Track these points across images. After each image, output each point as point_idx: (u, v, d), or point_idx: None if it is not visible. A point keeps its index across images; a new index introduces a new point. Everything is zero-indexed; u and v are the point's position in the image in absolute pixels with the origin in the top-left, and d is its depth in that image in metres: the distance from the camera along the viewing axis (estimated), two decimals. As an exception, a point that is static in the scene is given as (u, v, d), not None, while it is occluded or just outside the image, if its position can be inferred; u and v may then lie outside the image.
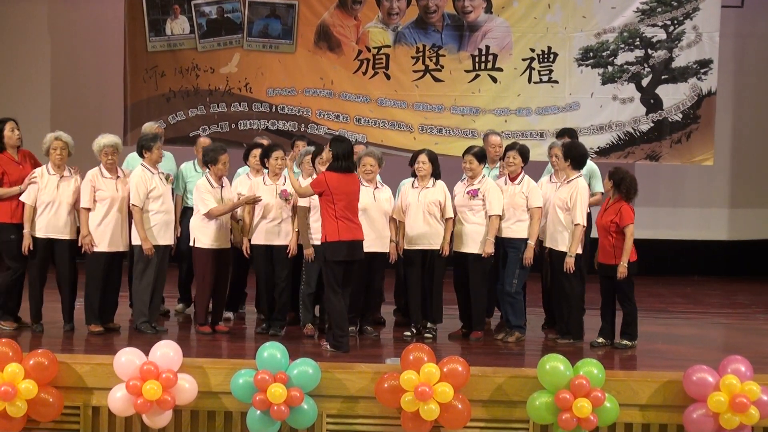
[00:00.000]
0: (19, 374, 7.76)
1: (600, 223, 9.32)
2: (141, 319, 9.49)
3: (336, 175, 8.90)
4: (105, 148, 9.44)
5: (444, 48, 13.98)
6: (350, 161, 8.98)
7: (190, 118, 14.19)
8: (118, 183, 9.48)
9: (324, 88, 14.12)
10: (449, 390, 7.72)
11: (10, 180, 9.44)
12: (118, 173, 9.54)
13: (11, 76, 15.08)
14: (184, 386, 7.90)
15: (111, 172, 9.48)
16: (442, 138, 13.97)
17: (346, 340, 8.89)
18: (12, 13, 15.12)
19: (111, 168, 9.47)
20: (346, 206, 8.86)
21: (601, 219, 9.30)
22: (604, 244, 9.30)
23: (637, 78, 13.88)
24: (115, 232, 9.43)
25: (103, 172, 9.46)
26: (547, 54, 13.91)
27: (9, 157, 9.56)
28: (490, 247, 9.45)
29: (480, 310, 9.67)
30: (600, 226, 9.33)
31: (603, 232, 9.30)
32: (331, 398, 8.08)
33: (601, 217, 9.32)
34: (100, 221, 9.39)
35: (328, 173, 8.90)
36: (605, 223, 9.24)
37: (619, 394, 7.94)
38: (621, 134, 13.92)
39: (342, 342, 8.86)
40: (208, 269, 9.56)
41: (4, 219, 9.43)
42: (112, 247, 9.45)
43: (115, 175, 9.50)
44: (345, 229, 8.84)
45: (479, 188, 9.49)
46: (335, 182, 8.87)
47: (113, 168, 9.49)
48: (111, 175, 9.47)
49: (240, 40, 14.16)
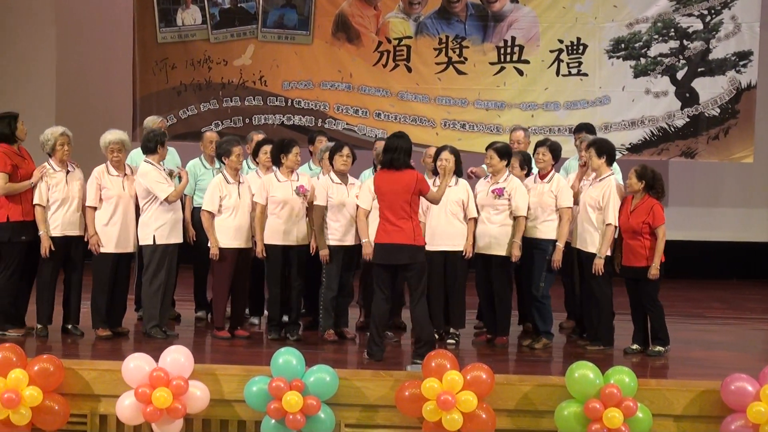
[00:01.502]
0: (23, 381, 7.79)
1: (627, 224, 9.24)
2: (151, 324, 9.52)
3: (379, 172, 8.94)
4: (111, 145, 9.48)
5: (468, 39, 13.96)
6: (389, 155, 8.81)
7: (201, 112, 14.22)
8: (125, 181, 9.52)
9: (342, 81, 14.12)
10: (473, 399, 7.71)
11: (21, 175, 9.45)
12: (125, 170, 9.57)
13: (15, 67, 15.13)
14: (195, 394, 7.92)
15: (118, 169, 9.52)
16: (465, 134, 13.95)
17: (376, 349, 8.84)
18: (16, 2, 15.18)
19: (118, 165, 9.51)
20: (385, 206, 8.78)
21: (629, 220, 9.23)
22: (633, 245, 9.25)
23: (672, 71, 13.82)
24: (122, 232, 9.47)
25: (110, 169, 9.50)
26: (576, 45, 13.87)
27: (23, 151, 9.61)
28: (518, 250, 9.43)
29: (505, 314, 9.65)
30: (627, 227, 9.26)
31: (630, 234, 9.24)
32: (350, 407, 8.09)
33: (627, 218, 9.25)
34: (107, 221, 9.43)
35: (377, 172, 8.92)
36: (635, 224, 9.19)
37: (652, 404, 7.91)
38: (654, 130, 13.87)
39: (372, 350, 8.85)
40: (227, 270, 9.59)
41: (16, 217, 9.41)
42: (120, 248, 9.49)
43: (122, 172, 9.54)
44: (382, 231, 8.82)
45: (504, 187, 9.48)
46: (377, 181, 8.91)
47: (120, 165, 9.53)
48: (118, 173, 9.51)
49: (254, 31, 14.17)
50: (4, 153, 9.43)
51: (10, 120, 9.56)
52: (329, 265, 9.56)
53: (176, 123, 14.03)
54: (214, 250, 9.54)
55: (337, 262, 9.56)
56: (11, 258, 9.43)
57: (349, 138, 13.53)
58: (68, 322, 9.66)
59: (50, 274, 9.50)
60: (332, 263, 9.55)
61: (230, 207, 9.58)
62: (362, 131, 14.02)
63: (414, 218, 8.78)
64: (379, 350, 8.83)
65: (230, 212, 9.58)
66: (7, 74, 15.09)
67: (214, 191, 9.59)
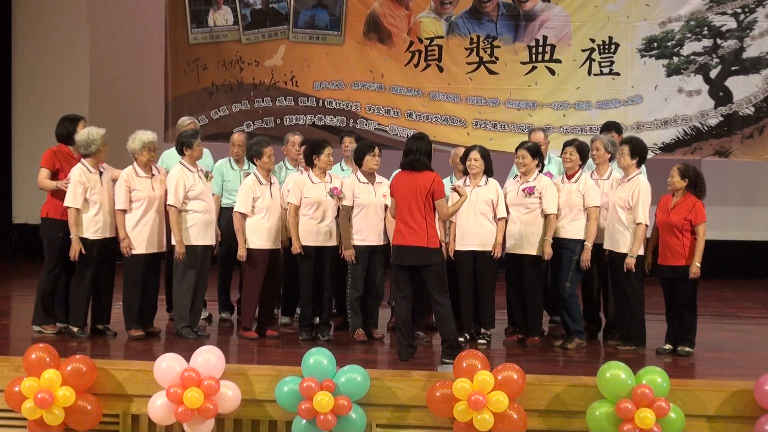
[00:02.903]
0: (56, 381, 7.86)
1: (666, 221, 9.19)
2: (181, 324, 9.57)
3: (398, 173, 8.99)
4: (150, 144, 9.51)
5: (499, 39, 13.95)
6: (410, 157, 8.82)
7: (233, 113, 14.29)
8: (153, 182, 9.56)
9: (374, 82, 14.14)
10: (504, 399, 7.70)
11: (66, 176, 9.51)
12: (153, 171, 9.62)
13: (48, 69, 15.26)
14: (226, 394, 7.94)
15: (147, 170, 9.55)
16: (496, 133, 13.94)
17: (403, 350, 8.83)
18: (49, 3, 15.32)
19: (149, 166, 9.55)
20: (401, 207, 8.80)
21: (669, 217, 9.19)
22: (672, 244, 9.20)
23: (705, 69, 13.75)
24: (152, 233, 9.51)
25: (138, 171, 9.51)
26: (608, 44, 13.82)
27: (70, 153, 9.67)
28: (549, 248, 9.43)
29: (537, 314, 9.65)
30: (665, 225, 9.22)
31: (669, 232, 9.20)
32: (381, 407, 8.09)
33: (667, 216, 9.21)
34: (136, 222, 9.46)
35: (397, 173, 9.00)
36: (676, 222, 9.13)
37: (684, 405, 7.87)
38: (687, 129, 13.80)
39: (399, 350, 8.86)
40: (258, 272, 9.62)
41: (55, 215, 9.53)
42: (150, 249, 9.53)
43: (150, 173, 9.58)
44: (397, 232, 8.84)
45: (535, 185, 9.48)
46: (394, 181, 8.98)
47: (150, 166, 9.58)
48: (146, 174, 9.54)
49: (286, 32, 14.22)
50: (54, 152, 9.59)
51: (71, 122, 9.69)
52: (355, 266, 9.59)
53: (208, 124, 14.09)
54: (242, 251, 9.57)
55: (363, 262, 9.57)
56: (51, 254, 9.54)
57: (381, 138, 13.57)
58: (100, 322, 9.71)
59: (89, 276, 9.51)
60: (358, 263, 9.57)
61: (264, 208, 9.61)
62: (394, 131, 14.03)
63: (429, 220, 8.73)
64: (406, 351, 8.81)
65: (264, 213, 9.61)
66: (40, 74, 15.24)
67: (247, 192, 9.61)
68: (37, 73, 15.29)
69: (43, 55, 15.26)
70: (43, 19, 15.27)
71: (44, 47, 15.27)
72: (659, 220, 9.31)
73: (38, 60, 15.27)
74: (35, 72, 15.29)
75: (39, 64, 15.28)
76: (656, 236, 9.41)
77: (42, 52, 15.25)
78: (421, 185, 8.70)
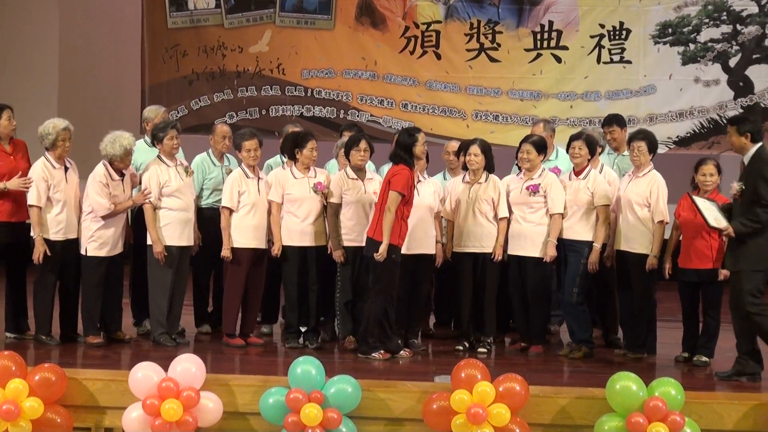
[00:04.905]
0: (23, 391, 7.83)
1: (693, 221, 9.14)
2: (159, 330, 9.56)
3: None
4: (131, 149, 9.46)
5: (501, 24, 13.97)
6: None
7: (215, 103, 14.31)
8: (125, 183, 9.57)
9: (366, 70, 14.16)
10: (506, 412, 7.71)
11: (2, 174, 9.39)
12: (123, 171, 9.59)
13: (15, 55, 15.20)
14: (207, 406, 7.94)
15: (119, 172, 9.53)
16: (498, 126, 13.96)
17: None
18: (17, -17, 15.32)
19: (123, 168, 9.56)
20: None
21: (696, 217, 9.12)
22: (698, 246, 9.18)
23: (724, 57, 13.77)
24: (115, 235, 9.53)
25: (112, 174, 9.46)
26: (619, 30, 13.84)
27: (15, 147, 9.59)
28: (553, 249, 9.44)
29: (540, 321, 9.68)
30: (691, 226, 9.19)
31: (695, 233, 9.18)
32: (373, 420, 8.10)
33: (694, 215, 9.11)
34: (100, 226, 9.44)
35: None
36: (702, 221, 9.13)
37: (701, 419, 7.89)
38: (704, 121, 13.82)
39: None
40: (241, 272, 9.61)
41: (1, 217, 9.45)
42: (112, 251, 9.53)
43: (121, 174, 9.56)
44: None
45: (540, 183, 9.48)
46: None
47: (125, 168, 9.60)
48: (119, 177, 9.53)
49: (272, 16, 14.24)
50: None
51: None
52: (343, 267, 9.59)
53: (187, 114, 14.13)
54: (226, 252, 9.57)
55: (353, 263, 9.59)
56: None
57: (374, 130, 13.58)
58: (68, 329, 9.69)
59: (51, 280, 9.50)
60: (346, 265, 9.57)
61: (249, 204, 9.61)
62: (387, 123, 14.05)
63: (380, 211, 9.09)
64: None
65: (249, 209, 9.61)
66: (5, 62, 15.17)
67: (233, 186, 9.61)
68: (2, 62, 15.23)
69: (8, 41, 15.21)
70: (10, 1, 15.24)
71: (9, 30, 15.22)
72: (683, 220, 9.27)
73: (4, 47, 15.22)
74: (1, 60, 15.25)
75: (4, 49, 15.23)
76: (675, 238, 9.40)
77: (8, 37, 15.20)
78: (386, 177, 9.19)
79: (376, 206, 9.23)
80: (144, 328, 10.07)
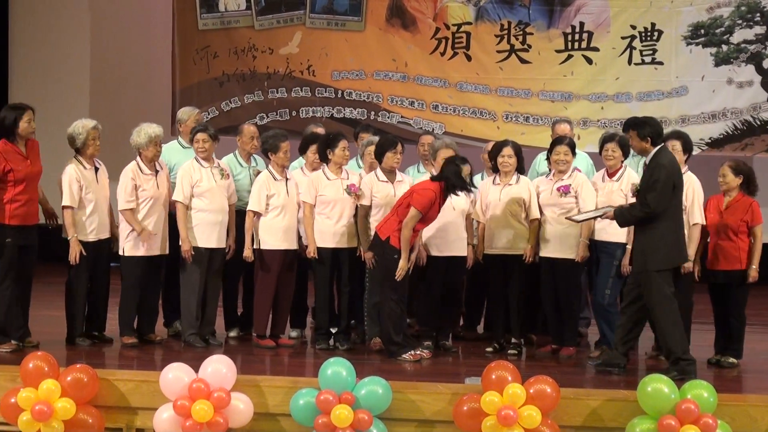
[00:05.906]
0: (55, 392, 7.87)
1: (720, 223, 9.14)
2: (189, 331, 9.61)
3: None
4: (156, 138, 9.52)
5: (532, 25, 13.96)
6: None
7: (245, 104, 14.35)
8: (158, 179, 9.61)
9: (397, 71, 14.17)
10: (536, 414, 7.70)
11: (16, 177, 9.14)
12: (157, 167, 9.65)
13: (47, 57, 15.29)
14: (238, 407, 7.96)
15: (151, 167, 9.58)
16: (528, 127, 13.95)
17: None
18: (48, -14, 15.41)
19: (154, 162, 9.59)
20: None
21: (722, 219, 9.13)
22: (725, 247, 9.17)
23: (757, 58, 13.71)
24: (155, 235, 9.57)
25: (142, 167, 9.54)
26: (651, 31, 13.81)
27: (17, 150, 9.23)
28: (585, 250, 9.41)
29: (572, 323, 9.65)
30: (718, 227, 9.18)
31: (722, 234, 9.17)
32: (404, 422, 8.10)
33: (720, 217, 9.15)
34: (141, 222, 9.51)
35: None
36: (731, 223, 9.09)
37: (733, 421, 7.85)
38: (737, 123, 13.77)
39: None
40: (272, 274, 9.62)
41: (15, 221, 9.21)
42: (151, 251, 9.57)
43: (155, 170, 9.62)
44: None
45: (570, 184, 9.47)
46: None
47: (154, 162, 9.61)
48: (151, 171, 9.58)
49: (302, 17, 14.27)
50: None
51: (12, 111, 9.30)
52: (372, 270, 9.59)
53: (218, 116, 14.17)
54: (248, 252, 9.57)
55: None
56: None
57: (404, 132, 13.59)
58: (95, 329, 9.74)
59: (83, 281, 9.52)
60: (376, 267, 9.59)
61: (278, 206, 9.60)
62: (418, 124, 14.06)
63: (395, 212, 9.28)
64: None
65: (278, 211, 9.60)
66: (38, 63, 15.27)
67: (261, 189, 9.60)
68: (34, 62, 15.33)
69: (41, 42, 15.30)
70: (42, 4, 15.33)
71: (43, 34, 15.31)
72: (710, 222, 9.26)
73: (36, 48, 15.30)
74: (33, 61, 15.33)
75: (36, 52, 15.32)
76: (703, 240, 9.39)
77: (40, 40, 15.29)
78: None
79: (395, 205, 9.30)
80: (174, 329, 10.12)
